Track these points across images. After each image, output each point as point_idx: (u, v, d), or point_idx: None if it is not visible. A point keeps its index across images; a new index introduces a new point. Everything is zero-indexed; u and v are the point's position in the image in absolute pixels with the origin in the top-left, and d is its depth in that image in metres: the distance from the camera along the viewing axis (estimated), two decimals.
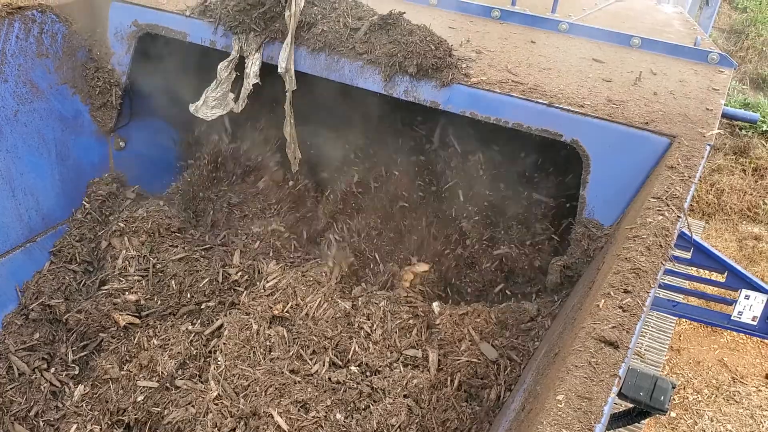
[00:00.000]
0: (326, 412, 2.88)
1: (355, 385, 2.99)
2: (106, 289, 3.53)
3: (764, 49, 9.60)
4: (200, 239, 3.95)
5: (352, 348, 3.17)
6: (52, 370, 3.34)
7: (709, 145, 2.63)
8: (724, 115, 3.09)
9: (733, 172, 7.55)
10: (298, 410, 2.90)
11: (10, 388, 3.20)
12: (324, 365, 3.11)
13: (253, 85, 3.46)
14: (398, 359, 3.12)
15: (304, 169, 4.37)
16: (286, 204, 4.37)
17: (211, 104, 3.55)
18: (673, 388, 2.31)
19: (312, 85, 3.57)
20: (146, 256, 3.66)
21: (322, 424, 2.84)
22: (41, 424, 3.14)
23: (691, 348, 5.49)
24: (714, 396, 5.05)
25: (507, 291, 3.74)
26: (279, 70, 3.33)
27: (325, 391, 2.99)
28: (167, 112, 4.22)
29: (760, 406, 4.99)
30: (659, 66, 3.36)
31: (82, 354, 3.42)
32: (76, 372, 3.37)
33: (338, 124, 4.34)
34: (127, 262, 3.62)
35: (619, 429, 4.24)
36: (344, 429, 2.82)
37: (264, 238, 4.03)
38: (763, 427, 4.81)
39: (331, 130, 4.40)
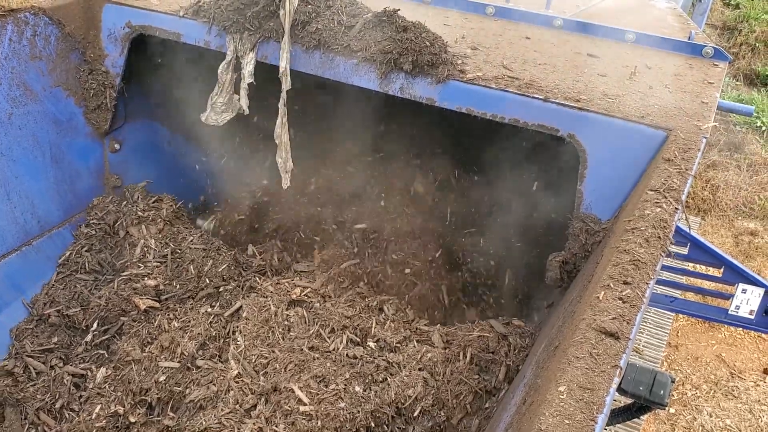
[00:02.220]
0: (345, 385, 2.95)
1: (372, 360, 3.07)
2: (126, 275, 3.57)
3: (757, 45, 9.64)
4: None
5: (370, 326, 3.24)
6: (70, 364, 3.37)
7: (705, 137, 2.63)
8: (720, 108, 3.10)
9: (728, 168, 7.57)
10: (318, 384, 2.96)
11: (31, 385, 3.23)
12: (342, 342, 3.18)
13: (249, 84, 3.45)
14: (412, 336, 3.21)
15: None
16: None
17: (219, 109, 3.53)
18: (673, 382, 2.30)
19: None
20: (165, 242, 3.71)
21: (342, 396, 2.90)
22: (66, 414, 3.18)
23: (689, 344, 5.50)
24: (712, 391, 5.05)
25: None
26: (280, 71, 3.31)
27: (343, 366, 3.06)
28: (162, 113, 4.20)
29: (759, 401, 4.99)
30: (654, 60, 3.36)
31: (104, 338, 3.46)
32: (98, 355, 3.40)
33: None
34: (146, 249, 3.67)
35: (619, 425, 4.26)
36: (363, 400, 2.88)
37: None
38: (761, 421, 4.82)
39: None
